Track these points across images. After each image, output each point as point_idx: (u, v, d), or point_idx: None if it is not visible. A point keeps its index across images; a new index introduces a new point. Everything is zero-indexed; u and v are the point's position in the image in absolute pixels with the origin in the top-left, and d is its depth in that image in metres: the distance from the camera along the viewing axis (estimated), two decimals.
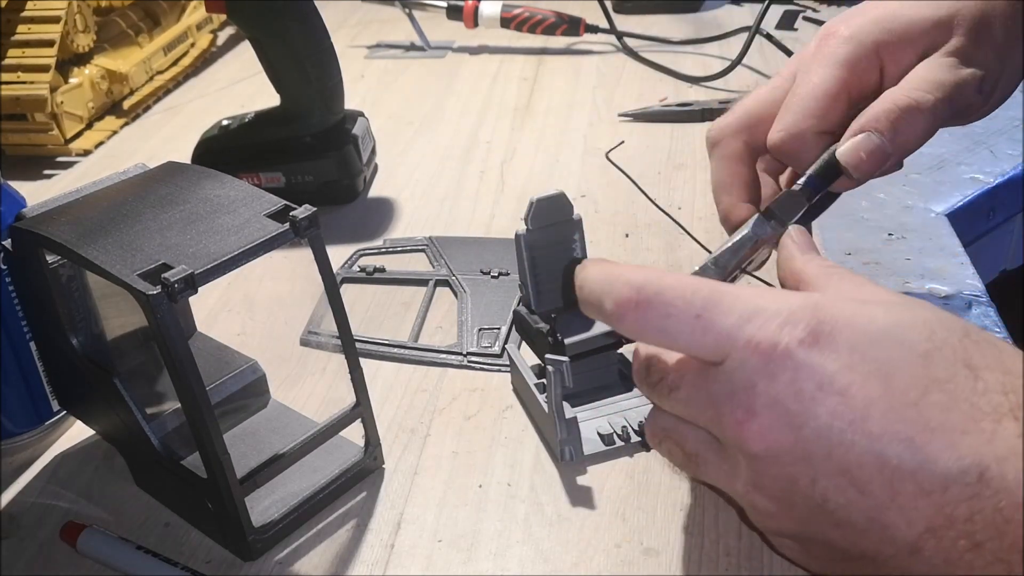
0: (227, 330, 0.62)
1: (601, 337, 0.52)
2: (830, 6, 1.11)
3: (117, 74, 0.95)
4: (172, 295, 0.39)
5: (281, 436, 0.51)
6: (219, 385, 0.51)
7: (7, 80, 0.84)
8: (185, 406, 0.42)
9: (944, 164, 0.75)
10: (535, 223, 0.51)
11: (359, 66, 1.06)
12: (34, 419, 0.53)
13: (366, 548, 0.46)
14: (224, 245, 0.42)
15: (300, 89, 0.73)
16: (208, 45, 1.13)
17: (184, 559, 0.45)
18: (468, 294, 0.64)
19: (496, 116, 0.91)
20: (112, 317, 0.51)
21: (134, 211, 0.45)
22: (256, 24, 0.72)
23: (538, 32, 1.06)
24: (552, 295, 0.53)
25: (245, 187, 0.46)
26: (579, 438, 0.49)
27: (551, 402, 0.48)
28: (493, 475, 0.49)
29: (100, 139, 0.91)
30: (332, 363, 0.58)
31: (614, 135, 0.85)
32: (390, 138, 0.88)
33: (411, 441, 0.52)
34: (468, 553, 0.45)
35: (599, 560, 0.44)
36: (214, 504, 0.44)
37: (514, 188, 0.78)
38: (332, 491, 0.48)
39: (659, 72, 0.98)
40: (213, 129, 0.79)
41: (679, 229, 0.69)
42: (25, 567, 0.46)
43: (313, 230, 0.44)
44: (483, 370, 0.57)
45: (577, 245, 0.53)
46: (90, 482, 0.51)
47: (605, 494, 0.48)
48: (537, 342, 0.52)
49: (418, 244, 0.70)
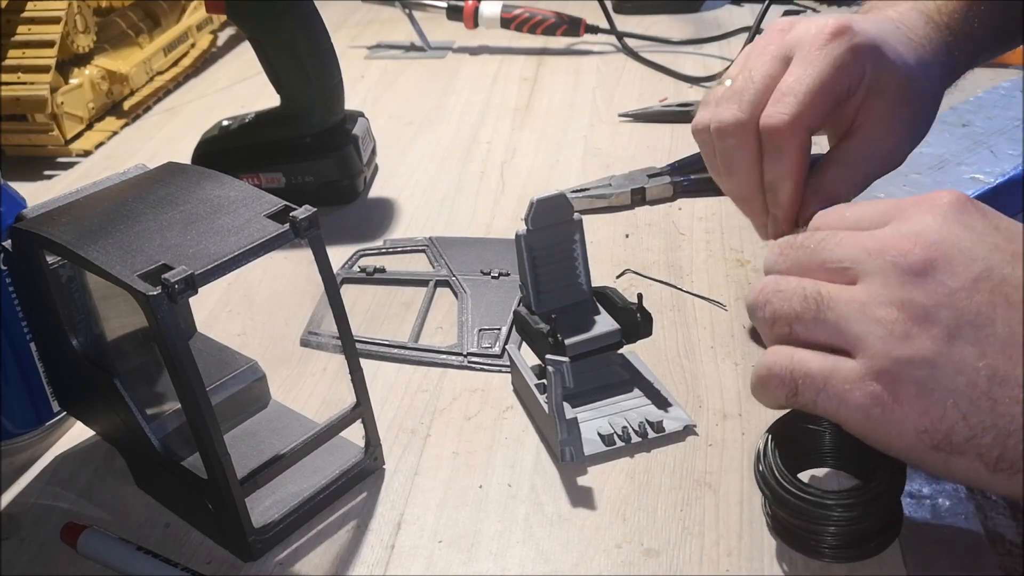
0: (227, 330, 0.62)
1: (602, 337, 0.52)
2: (830, 6, 1.11)
3: (117, 75, 0.95)
4: (172, 296, 0.39)
5: (281, 437, 0.51)
6: (219, 386, 0.51)
7: (7, 81, 0.84)
8: (185, 407, 0.42)
9: (944, 164, 0.75)
10: (535, 223, 0.51)
11: (359, 66, 1.06)
12: (34, 420, 0.53)
13: (366, 549, 0.46)
14: (224, 246, 0.42)
15: (300, 89, 0.73)
16: (208, 46, 1.13)
17: (184, 560, 0.45)
18: (468, 294, 0.64)
19: (496, 116, 0.91)
20: (112, 318, 0.51)
21: (134, 212, 0.45)
22: (256, 24, 0.72)
23: (538, 32, 1.06)
24: (552, 295, 0.53)
25: (245, 188, 0.46)
26: (579, 438, 0.49)
27: (551, 402, 0.48)
28: (493, 475, 0.49)
29: (100, 140, 0.91)
30: (332, 363, 0.58)
31: (614, 135, 0.85)
32: (390, 138, 0.88)
33: (411, 441, 0.52)
34: (468, 553, 0.45)
35: (599, 560, 0.44)
36: (214, 505, 0.44)
37: (514, 188, 0.78)
38: (332, 492, 0.48)
39: (659, 72, 0.98)
40: (213, 129, 0.79)
41: (679, 230, 0.69)
42: (25, 568, 0.46)
43: (313, 230, 0.44)
44: (483, 370, 0.57)
45: (577, 245, 0.53)
46: (90, 483, 0.51)
47: (606, 494, 0.48)
48: (537, 342, 0.52)
49: (418, 244, 0.70)
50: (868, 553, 0.43)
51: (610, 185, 0.74)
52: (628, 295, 0.53)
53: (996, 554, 0.42)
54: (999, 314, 0.36)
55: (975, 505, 0.45)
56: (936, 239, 0.38)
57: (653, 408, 0.52)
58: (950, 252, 0.38)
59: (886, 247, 0.39)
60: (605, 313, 0.53)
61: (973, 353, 0.36)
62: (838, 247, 0.41)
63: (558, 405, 0.48)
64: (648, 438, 0.50)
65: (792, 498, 0.42)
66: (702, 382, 0.54)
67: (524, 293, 0.53)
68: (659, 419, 0.51)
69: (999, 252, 0.37)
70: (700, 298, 0.61)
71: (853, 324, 0.38)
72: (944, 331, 0.37)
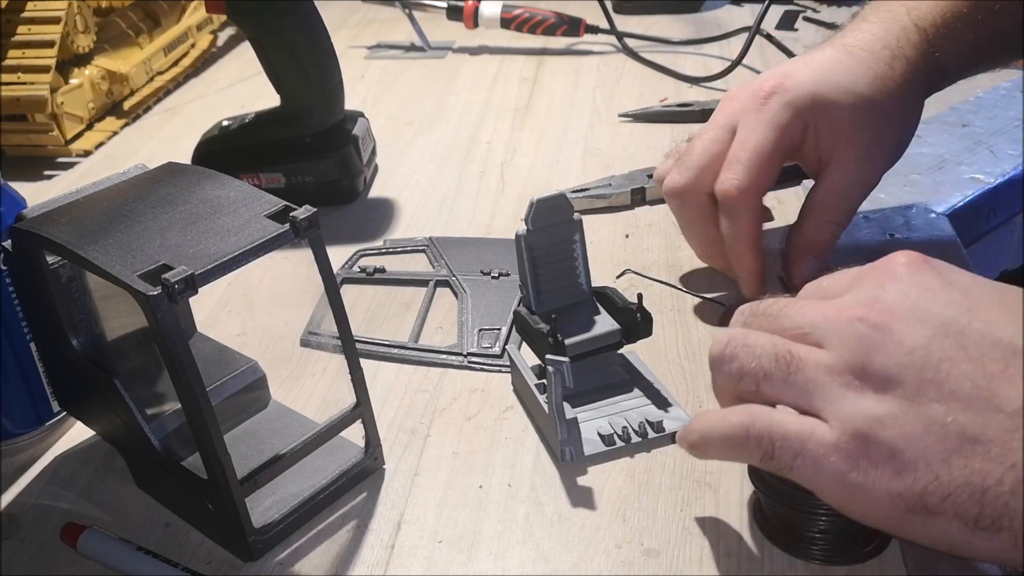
0: (227, 330, 0.62)
1: (602, 337, 0.52)
2: (830, 6, 1.11)
3: (117, 75, 0.95)
4: (172, 296, 0.39)
5: (281, 437, 0.51)
6: (219, 386, 0.51)
7: (7, 81, 0.84)
8: (185, 407, 0.42)
9: (944, 164, 0.75)
10: (535, 223, 0.51)
11: (359, 66, 1.06)
12: (34, 420, 0.53)
13: (366, 549, 0.46)
14: (224, 246, 0.42)
15: (300, 89, 0.73)
16: (208, 46, 1.13)
17: (184, 560, 0.45)
18: (468, 294, 0.64)
19: (496, 116, 0.91)
20: (112, 318, 0.51)
21: (134, 212, 0.45)
22: (256, 24, 0.72)
23: (538, 33, 1.06)
24: (552, 295, 0.53)
25: (245, 188, 0.46)
26: (579, 438, 0.49)
27: (551, 403, 0.48)
28: (493, 476, 0.49)
29: (100, 140, 0.91)
30: (332, 363, 0.58)
31: (614, 135, 0.85)
32: (390, 138, 0.88)
33: (411, 442, 0.52)
34: (468, 554, 0.45)
35: (600, 561, 0.44)
36: (214, 505, 0.44)
37: (514, 188, 0.78)
38: (332, 492, 0.48)
39: (659, 72, 0.98)
40: (213, 130, 0.79)
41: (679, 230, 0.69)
42: (25, 568, 0.46)
43: (313, 231, 0.44)
44: (483, 370, 0.57)
45: (577, 245, 0.53)
46: (90, 483, 0.51)
47: (606, 495, 0.48)
48: (537, 343, 0.52)
49: (418, 244, 0.70)
50: (860, 558, 0.43)
51: (610, 185, 0.74)
52: (628, 295, 0.53)
53: None
54: (961, 369, 0.36)
55: None
56: (891, 302, 0.38)
57: (653, 408, 0.52)
58: (904, 313, 0.37)
59: (842, 314, 0.39)
60: (605, 313, 0.53)
61: (940, 410, 0.35)
62: (798, 314, 0.41)
63: (558, 405, 0.48)
64: (648, 438, 0.50)
65: (785, 486, 0.41)
66: (702, 382, 0.54)
67: (524, 293, 0.53)
68: (659, 419, 0.51)
69: (954, 306, 0.37)
70: (700, 298, 0.61)
71: (820, 388, 0.38)
72: (908, 391, 0.36)
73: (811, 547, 0.43)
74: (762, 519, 0.45)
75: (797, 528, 0.43)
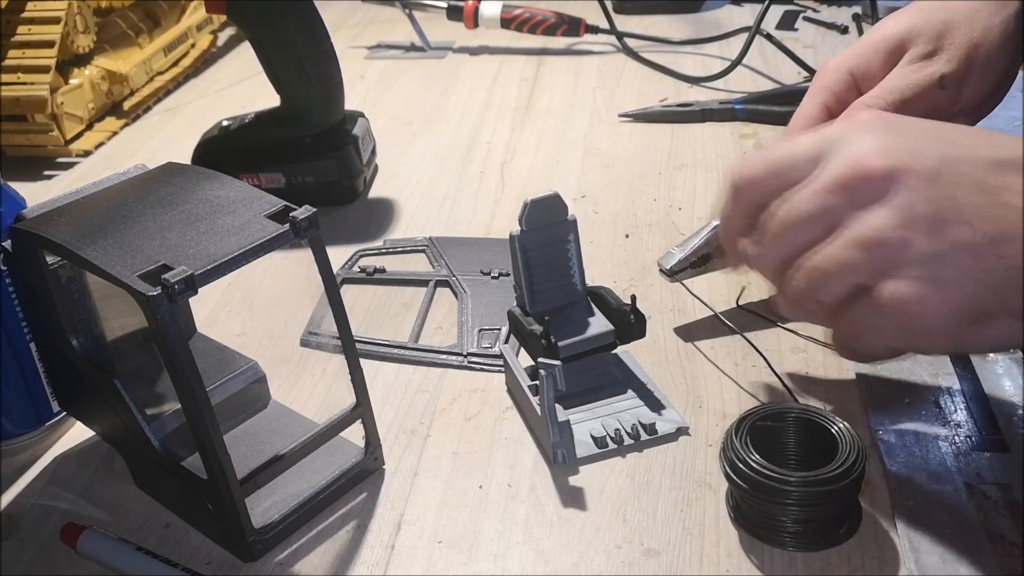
0: (227, 331, 0.62)
1: (595, 339, 0.51)
2: (830, 6, 1.11)
3: (117, 75, 0.95)
4: (172, 296, 0.39)
5: (281, 437, 0.51)
6: (219, 386, 0.51)
7: (7, 81, 0.84)
8: (185, 407, 0.42)
9: None
10: (529, 224, 0.51)
11: (359, 66, 1.06)
12: (34, 420, 0.53)
13: (366, 549, 0.46)
14: (224, 246, 0.42)
15: (300, 89, 0.73)
16: (208, 46, 1.13)
17: (184, 560, 0.45)
18: (468, 295, 0.64)
19: (496, 116, 0.91)
20: (112, 318, 0.51)
21: (134, 212, 0.45)
22: (256, 24, 0.72)
23: (538, 33, 1.06)
24: (546, 296, 0.53)
25: (245, 188, 0.46)
26: (572, 440, 0.49)
27: (544, 405, 0.48)
28: (493, 476, 0.49)
29: (100, 140, 0.91)
30: (332, 364, 0.58)
31: (614, 135, 0.85)
32: (390, 138, 0.88)
33: (411, 442, 0.52)
34: (468, 554, 0.45)
35: (599, 561, 0.44)
36: (214, 505, 0.44)
37: (514, 188, 0.78)
38: (332, 492, 0.48)
39: (659, 72, 0.98)
40: (213, 130, 0.79)
41: (679, 230, 0.69)
42: (25, 568, 0.46)
43: (313, 231, 0.44)
44: (483, 371, 0.57)
45: (571, 246, 0.53)
46: (90, 483, 0.51)
47: (606, 495, 0.48)
48: (531, 344, 0.51)
49: (418, 245, 0.70)
50: (832, 542, 0.43)
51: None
52: (627, 296, 0.53)
53: (996, 554, 0.43)
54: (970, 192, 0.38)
55: (975, 505, 0.45)
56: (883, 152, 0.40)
57: (646, 410, 0.52)
58: (900, 159, 0.40)
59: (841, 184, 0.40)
60: (599, 314, 0.53)
61: (966, 231, 0.38)
62: (799, 204, 0.41)
63: (550, 408, 0.48)
64: (641, 440, 0.50)
65: (755, 475, 0.42)
66: (702, 382, 0.54)
67: (518, 294, 0.53)
68: (652, 421, 0.51)
69: (937, 143, 0.40)
70: (700, 299, 0.61)
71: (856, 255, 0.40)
72: (930, 224, 0.38)
73: (784, 536, 0.44)
74: (737, 513, 0.45)
75: (771, 520, 0.43)
